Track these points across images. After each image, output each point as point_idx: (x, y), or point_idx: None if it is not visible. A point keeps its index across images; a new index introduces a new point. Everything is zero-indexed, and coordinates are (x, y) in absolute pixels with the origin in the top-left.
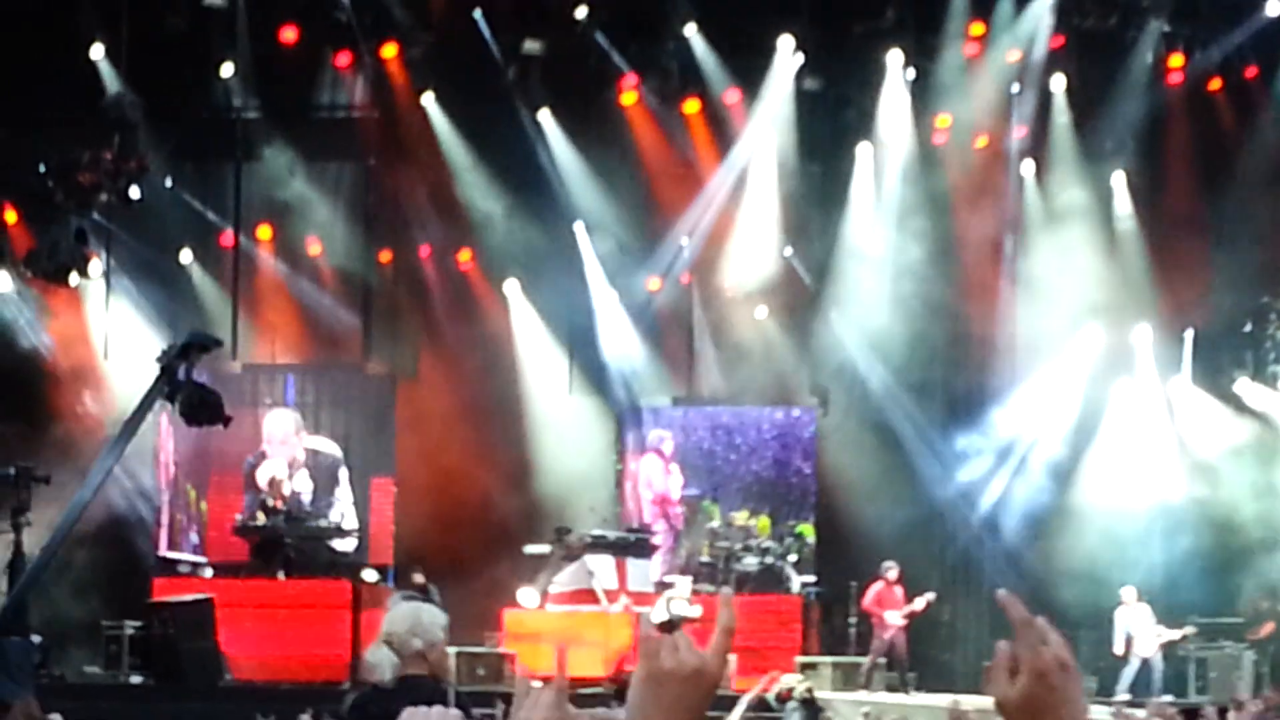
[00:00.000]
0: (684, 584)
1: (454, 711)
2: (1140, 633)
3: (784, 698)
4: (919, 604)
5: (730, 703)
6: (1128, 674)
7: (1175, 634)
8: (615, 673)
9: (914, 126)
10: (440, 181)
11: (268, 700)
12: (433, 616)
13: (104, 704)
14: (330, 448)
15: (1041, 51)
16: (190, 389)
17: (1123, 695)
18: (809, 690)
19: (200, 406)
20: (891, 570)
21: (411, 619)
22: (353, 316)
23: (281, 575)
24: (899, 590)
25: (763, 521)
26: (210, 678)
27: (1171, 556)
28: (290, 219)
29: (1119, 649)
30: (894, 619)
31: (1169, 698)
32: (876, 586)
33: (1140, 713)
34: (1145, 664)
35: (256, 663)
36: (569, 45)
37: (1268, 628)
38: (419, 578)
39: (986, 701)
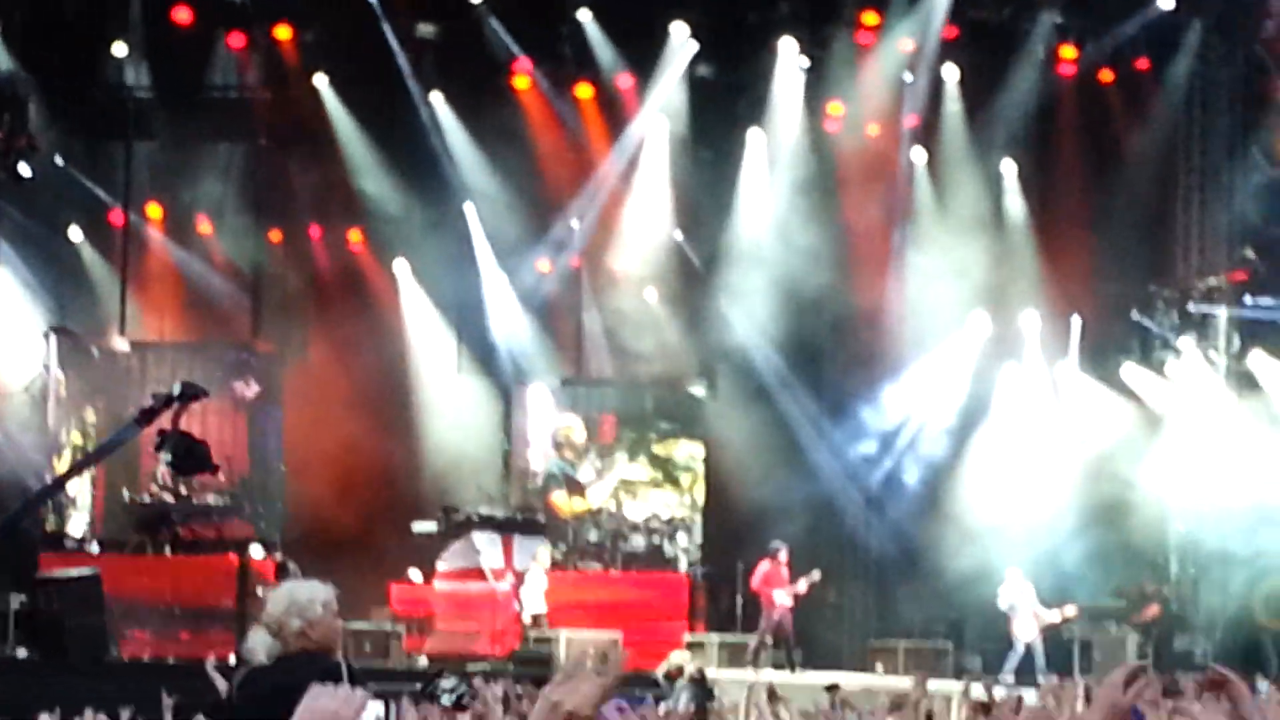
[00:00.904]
0: (544, 552)
1: (360, 692)
2: (1023, 614)
3: (673, 676)
4: (802, 585)
5: (641, 680)
6: (1013, 657)
7: (1056, 616)
8: (503, 649)
9: (806, 114)
10: (331, 163)
11: (155, 676)
12: (311, 593)
13: None
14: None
15: (934, 41)
16: (178, 439)
17: (1008, 678)
18: (699, 669)
19: (189, 457)
20: (779, 550)
21: (287, 599)
22: (242, 295)
23: (169, 551)
24: (786, 570)
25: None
26: (96, 653)
27: (1057, 540)
28: (181, 198)
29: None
30: (781, 598)
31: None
32: (764, 566)
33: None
34: (1028, 647)
35: (143, 639)
36: (463, 29)
37: (1151, 611)
38: (277, 555)
39: (869, 680)
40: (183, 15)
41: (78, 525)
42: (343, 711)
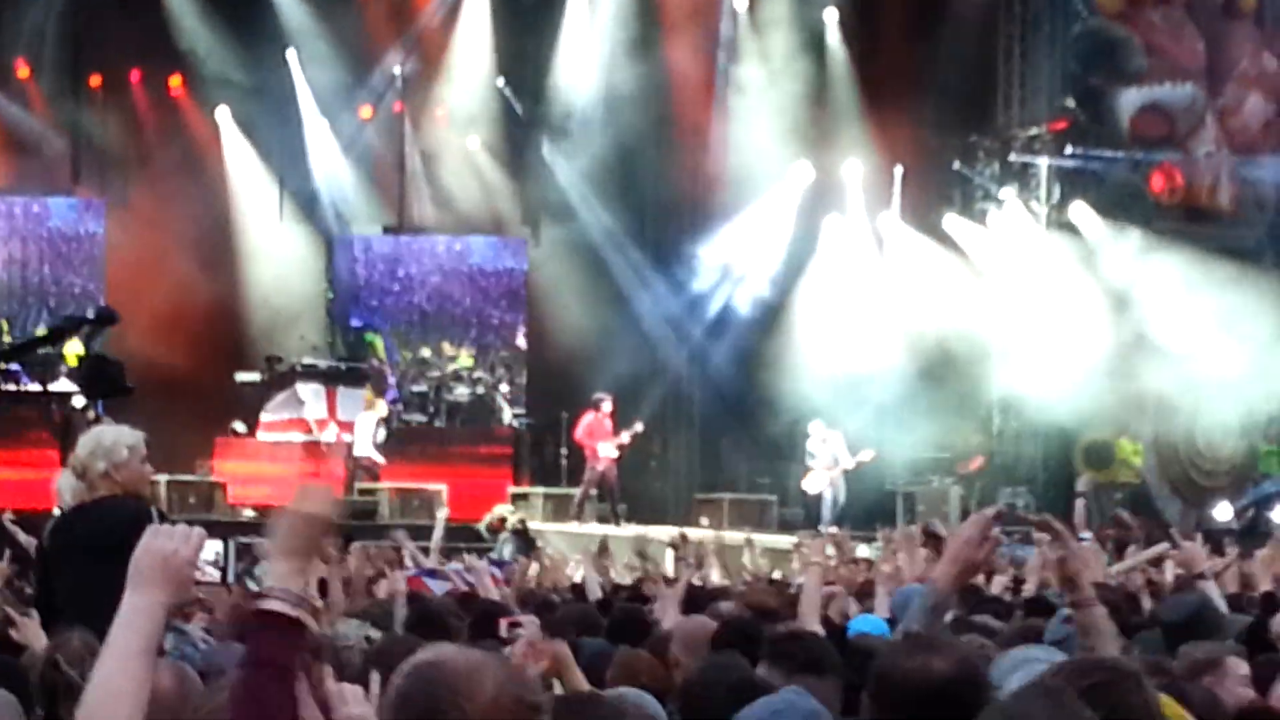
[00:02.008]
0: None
1: (197, 529)
2: (823, 463)
3: (495, 528)
4: (625, 437)
5: (465, 533)
6: (825, 506)
7: (852, 461)
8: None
9: None
10: (150, 6)
11: None
12: (116, 436)
13: None
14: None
15: None
16: (92, 363)
17: (828, 528)
18: (521, 521)
19: (100, 380)
20: (604, 402)
21: (92, 443)
22: (62, 141)
23: None
24: (610, 422)
25: (465, 356)
26: None
27: (880, 392)
28: None
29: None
30: (605, 450)
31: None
32: (587, 418)
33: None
34: (819, 498)
35: None
36: None
37: (977, 461)
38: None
39: (694, 534)
40: None
41: None
42: (182, 549)
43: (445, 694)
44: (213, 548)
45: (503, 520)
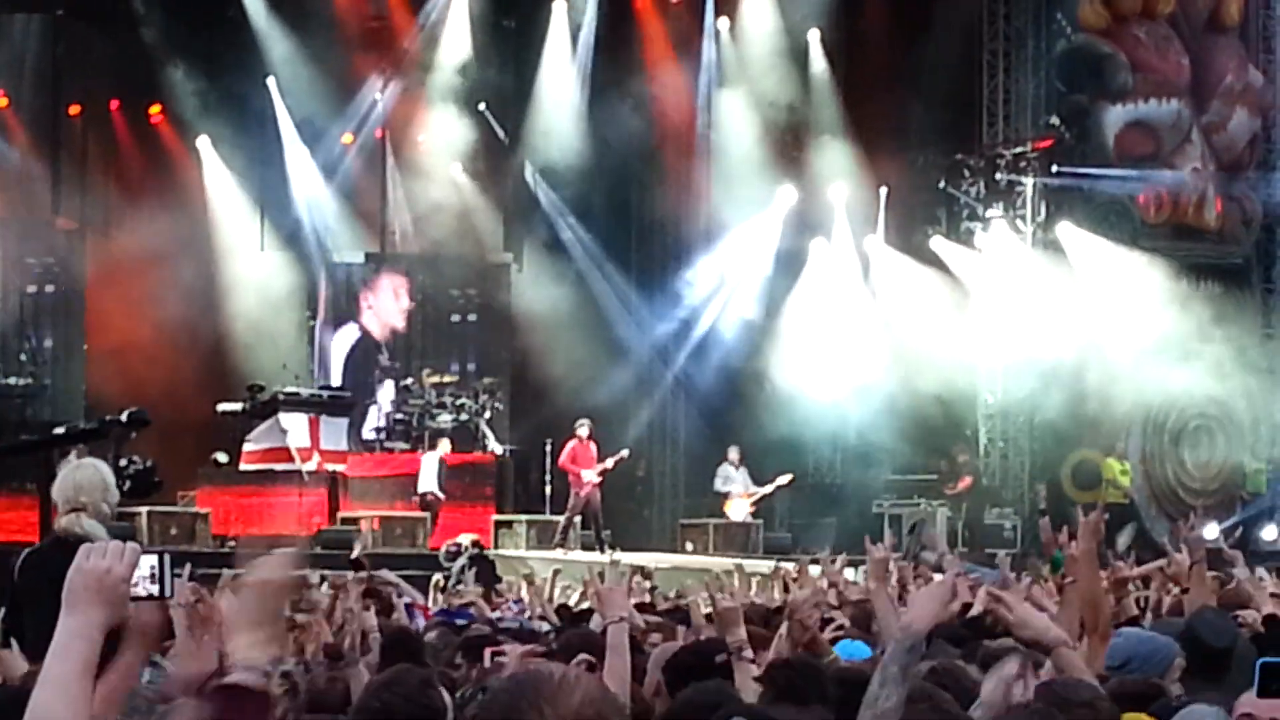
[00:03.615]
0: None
1: (130, 545)
2: (736, 492)
3: (453, 554)
4: (610, 462)
5: (431, 562)
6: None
7: (769, 488)
8: (309, 530)
9: None
10: (130, 34)
11: None
12: (105, 474)
13: None
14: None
15: None
16: (137, 477)
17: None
18: (477, 544)
19: (139, 479)
20: (584, 427)
21: (100, 482)
22: (42, 170)
23: None
24: (594, 447)
25: (448, 378)
26: None
27: (867, 412)
28: None
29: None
30: (589, 476)
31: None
32: (571, 444)
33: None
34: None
35: None
36: None
37: (965, 482)
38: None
39: (679, 560)
40: None
41: None
42: (115, 568)
43: (530, 698)
44: (148, 562)
45: (459, 545)
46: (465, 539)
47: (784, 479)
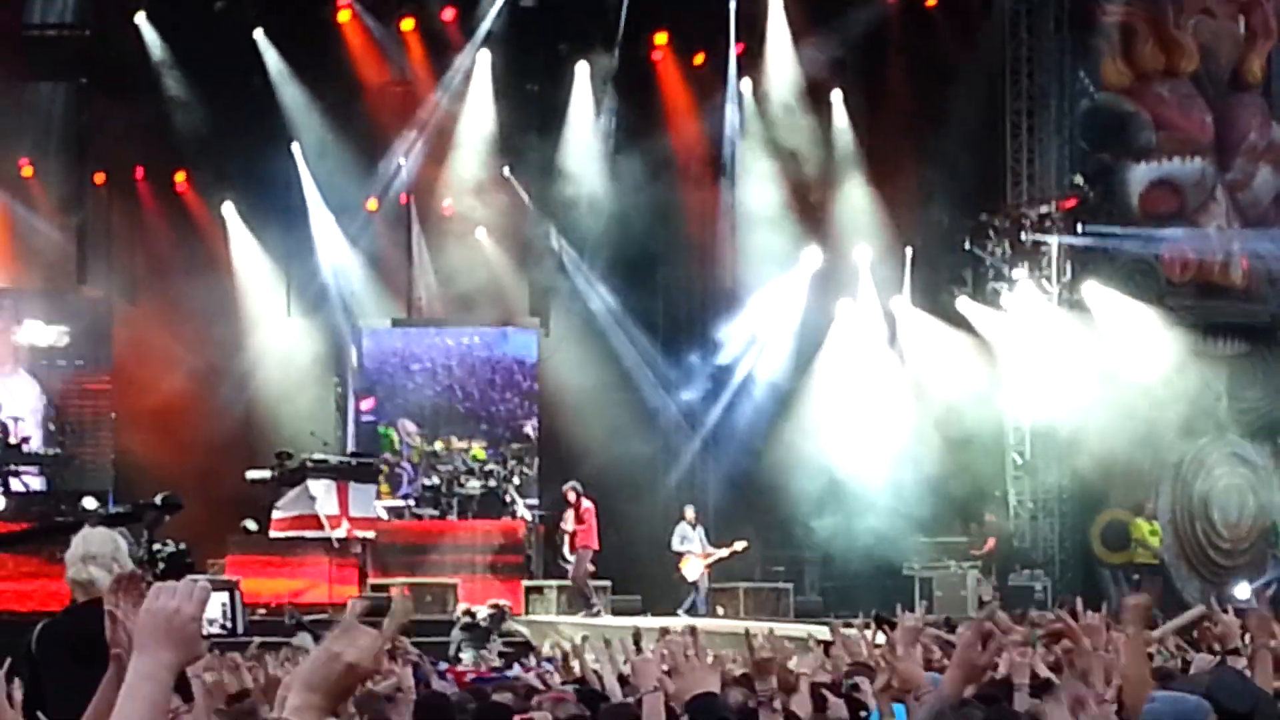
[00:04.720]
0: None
1: (201, 582)
2: (691, 554)
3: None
4: (724, 551)
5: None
6: (691, 597)
7: (724, 551)
8: (340, 598)
9: (632, 44)
10: (154, 102)
11: None
12: (117, 539)
13: None
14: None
15: None
16: (172, 560)
17: (683, 616)
18: (470, 613)
19: (174, 561)
20: (569, 493)
21: (113, 547)
22: (67, 240)
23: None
24: (588, 502)
25: (477, 450)
26: None
27: (897, 474)
28: (1, 140)
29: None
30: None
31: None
32: (569, 514)
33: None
34: (695, 586)
35: None
36: None
37: (990, 543)
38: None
39: (711, 624)
40: None
41: None
42: (185, 607)
43: None
44: (218, 600)
45: (470, 611)
46: (480, 609)
47: (740, 545)
